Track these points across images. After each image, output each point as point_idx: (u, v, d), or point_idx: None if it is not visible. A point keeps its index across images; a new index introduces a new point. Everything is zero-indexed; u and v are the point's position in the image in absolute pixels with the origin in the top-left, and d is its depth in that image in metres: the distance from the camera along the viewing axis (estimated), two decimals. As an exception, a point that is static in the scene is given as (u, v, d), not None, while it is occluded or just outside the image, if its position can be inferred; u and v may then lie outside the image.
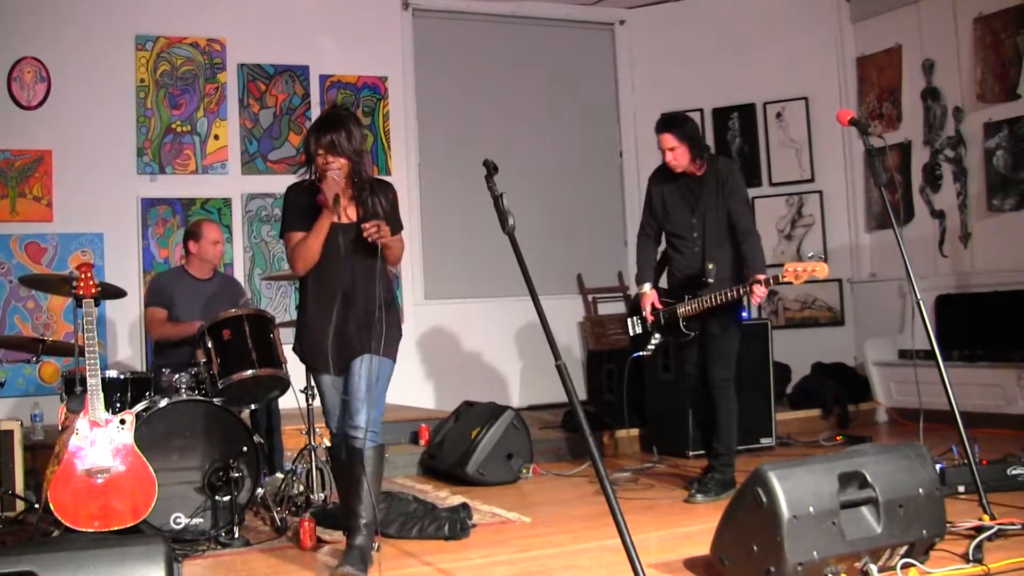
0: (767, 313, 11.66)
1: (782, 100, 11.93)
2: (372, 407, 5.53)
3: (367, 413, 5.50)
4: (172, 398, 6.51)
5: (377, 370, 5.53)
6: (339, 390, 5.69)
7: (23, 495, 7.32)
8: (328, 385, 5.75)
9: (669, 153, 7.23)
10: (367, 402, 5.51)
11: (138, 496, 6.24)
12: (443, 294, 11.32)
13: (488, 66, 11.72)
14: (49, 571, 3.63)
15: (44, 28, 9.88)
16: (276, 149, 10.67)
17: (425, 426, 9.18)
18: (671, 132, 7.22)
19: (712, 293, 7.10)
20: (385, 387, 5.69)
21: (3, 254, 9.59)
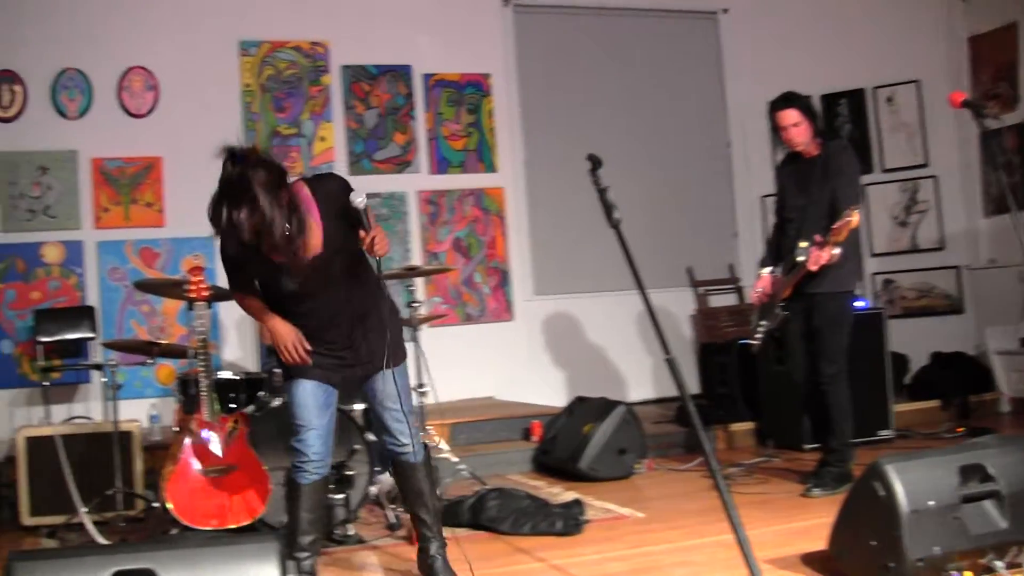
0: (882, 303, 11.53)
1: (892, 84, 11.78)
2: (411, 415, 5.40)
3: (408, 425, 5.38)
4: (285, 398, 6.57)
5: (402, 382, 5.34)
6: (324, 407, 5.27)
7: (143, 494, 7.45)
8: (309, 393, 5.24)
9: (792, 129, 7.16)
10: (406, 416, 5.35)
11: (253, 495, 6.34)
12: (553, 290, 11.31)
13: (590, 59, 11.67)
14: (166, 568, 3.69)
15: (151, 38, 10.02)
16: (382, 149, 10.74)
17: (537, 422, 9.18)
18: (794, 107, 7.17)
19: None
20: (409, 392, 5.54)
21: (118, 259, 9.76)
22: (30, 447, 7.55)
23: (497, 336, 10.87)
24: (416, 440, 5.39)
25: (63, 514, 7.28)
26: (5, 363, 9.41)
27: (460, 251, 10.83)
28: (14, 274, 9.49)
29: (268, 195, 4.59)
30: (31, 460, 7.53)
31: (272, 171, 4.69)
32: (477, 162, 11.01)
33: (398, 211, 10.65)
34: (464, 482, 7.77)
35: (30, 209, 9.59)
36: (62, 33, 9.78)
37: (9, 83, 9.62)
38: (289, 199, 4.74)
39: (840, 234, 6.68)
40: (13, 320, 9.46)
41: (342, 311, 5.16)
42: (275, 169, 4.72)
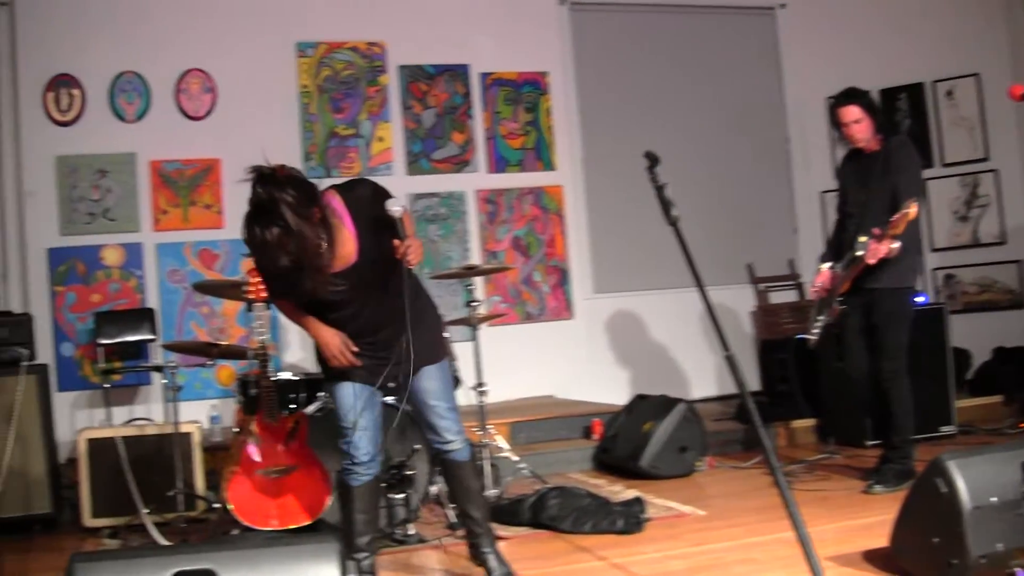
0: (943, 298, 11.41)
1: (952, 77, 11.64)
2: (455, 412, 5.36)
3: (455, 421, 5.35)
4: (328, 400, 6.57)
5: (441, 379, 5.34)
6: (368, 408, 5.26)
7: (203, 495, 7.48)
8: (351, 394, 5.26)
9: (854, 126, 7.10)
10: (449, 412, 5.33)
11: (313, 495, 6.36)
12: (612, 288, 11.25)
13: (647, 56, 11.60)
14: (226, 569, 3.69)
15: (208, 40, 10.06)
16: (440, 148, 10.72)
17: (598, 420, 9.15)
18: (856, 103, 7.11)
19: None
20: (452, 388, 5.51)
21: (177, 261, 9.79)
22: (91, 449, 7.59)
23: (557, 335, 10.83)
24: (463, 436, 5.37)
25: (125, 515, 7.33)
26: (66, 366, 9.47)
27: (519, 250, 10.81)
28: (74, 277, 9.55)
29: (298, 215, 4.57)
30: (92, 462, 7.57)
31: (300, 189, 4.66)
32: (535, 160, 10.97)
33: (457, 211, 10.63)
34: (524, 481, 7.75)
35: (90, 212, 9.64)
36: (120, 37, 9.83)
37: (67, 87, 9.68)
38: (321, 215, 4.73)
39: (898, 226, 6.62)
40: (74, 323, 9.52)
41: (381, 314, 5.13)
42: (303, 187, 4.70)
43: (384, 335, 5.17)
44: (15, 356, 7.65)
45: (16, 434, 7.44)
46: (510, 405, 10.00)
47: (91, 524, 7.48)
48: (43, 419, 7.66)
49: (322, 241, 4.69)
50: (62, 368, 9.42)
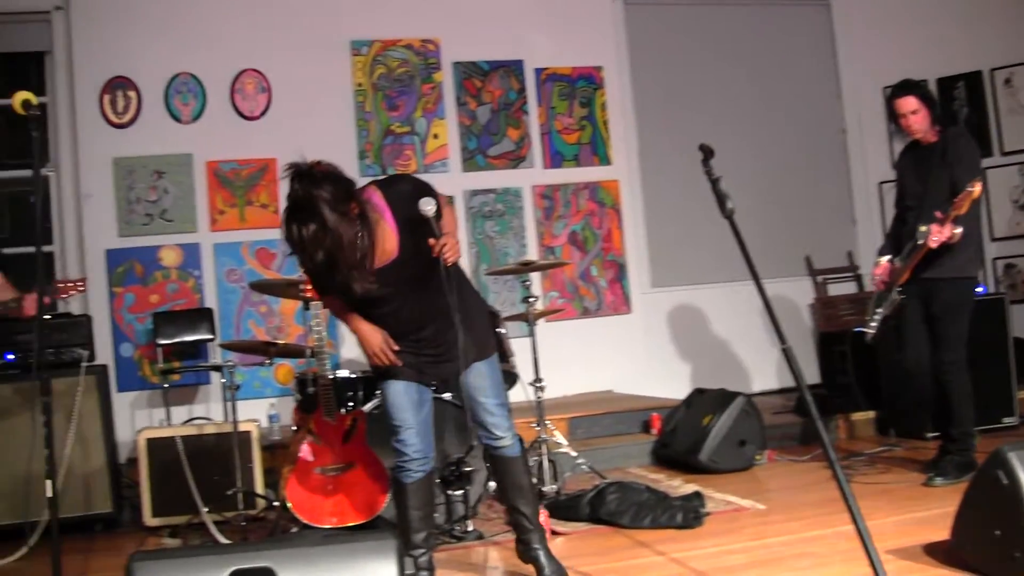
0: (1004, 288, 11.29)
1: (1010, 65, 11.49)
2: (504, 408, 5.32)
3: (504, 417, 5.31)
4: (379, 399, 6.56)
5: (490, 376, 5.29)
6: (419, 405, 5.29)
7: (263, 493, 7.50)
8: (401, 392, 5.26)
9: (911, 117, 7.03)
10: (499, 408, 5.30)
11: (372, 492, 6.36)
12: (670, 281, 11.21)
13: (701, 49, 11.55)
14: (285, 567, 3.68)
15: (263, 40, 10.10)
16: (495, 145, 10.71)
17: (656, 415, 9.10)
18: (913, 94, 7.03)
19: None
20: (501, 384, 5.44)
21: (235, 261, 9.83)
22: (151, 448, 7.62)
23: (615, 329, 10.80)
24: (512, 433, 5.35)
25: (184, 514, 7.36)
26: (126, 366, 9.52)
27: (576, 245, 10.78)
28: (133, 278, 9.61)
29: (335, 212, 4.58)
30: (152, 461, 7.61)
31: (338, 185, 4.68)
32: (591, 155, 10.95)
33: (513, 206, 10.62)
34: (583, 476, 7.73)
35: (147, 213, 9.70)
36: (175, 38, 9.89)
37: (123, 89, 9.74)
38: (360, 210, 4.74)
39: (962, 206, 6.57)
40: (133, 323, 9.57)
41: (426, 311, 5.12)
42: (340, 183, 4.72)
43: (428, 332, 5.18)
44: (75, 357, 7.70)
45: (77, 434, 7.48)
46: (568, 401, 9.99)
47: (151, 523, 7.51)
48: (103, 419, 7.70)
49: (359, 237, 4.69)
50: (121, 368, 9.48)
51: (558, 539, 6.39)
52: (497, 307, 7.49)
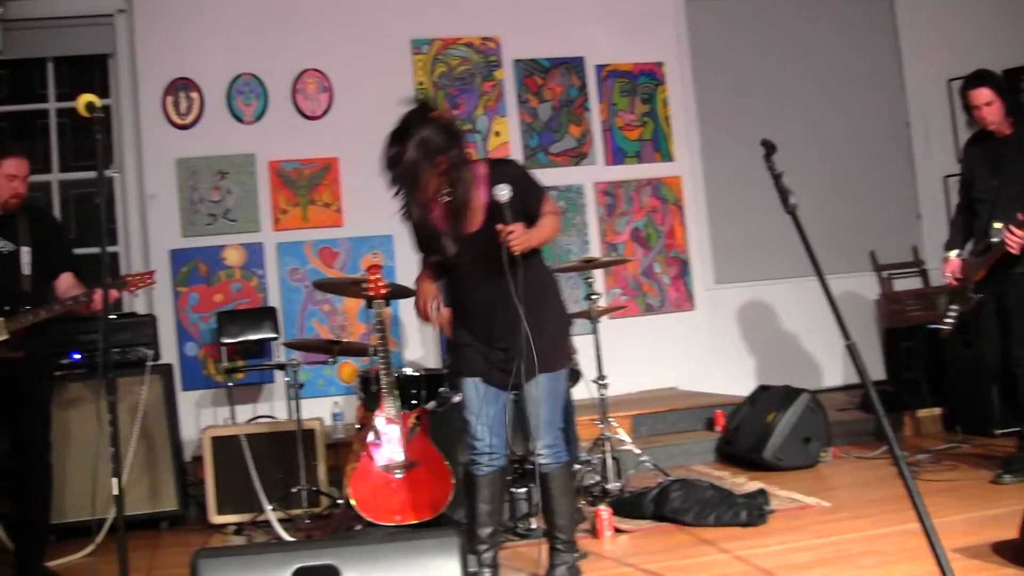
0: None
1: (1078, 56, 11.40)
2: (551, 426, 5.29)
3: (549, 434, 5.28)
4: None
5: (549, 390, 5.28)
6: (492, 403, 5.36)
7: (327, 491, 7.53)
8: (472, 387, 5.37)
9: (985, 108, 6.93)
10: (546, 424, 5.26)
11: (436, 490, 6.37)
12: (733, 278, 11.16)
13: (763, 43, 11.48)
14: (348, 564, 3.68)
15: (323, 40, 10.13)
16: (557, 142, 10.69)
17: (720, 412, 9.07)
18: (987, 86, 6.94)
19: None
20: (560, 400, 5.42)
21: (298, 260, 9.87)
22: (216, 447, 7.68)
23: (678, 326, 10.75)
24: (554, 451, 5.30)
25: (249, 512, 7.43)
26: (191, 365, 9.58)
27: (639, 241, 10.74)
28: (197, 277, 9.66)
29: (421, 151, 4.87)
30: (217, 459, 7.67)
31: (441, 135, 4.95)
32: (653, 152, 10.90)
33: (575, 203, 10.59)
34: (647, 474, 7.71)
35: (210, 213, 9.75)
36: (236, 39, 9.94)
37: (186, 91, 9.81)
38: (448, 166, 4.96)
39: None
40: (197, 323, 9.63)
41: (496, 301, 5.14)
42: (445, 135, 4.97)
43: (498, 331, 5.22)
44: (140, 356, 7.77)
45: (142, 433, 7.55)
46: (632, 398, 9.97)
47: (216, 521, 7.57)
48: (168, 418, 7.77)
49: (431, 183, 4.96)
50: (186, 367, 9.54)
51: (622, 537, 6.38)
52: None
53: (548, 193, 5.26)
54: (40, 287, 6.23)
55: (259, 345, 9.34)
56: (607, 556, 5.98)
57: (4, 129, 10.43)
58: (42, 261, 6.24)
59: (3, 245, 6.15)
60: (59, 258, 6.39)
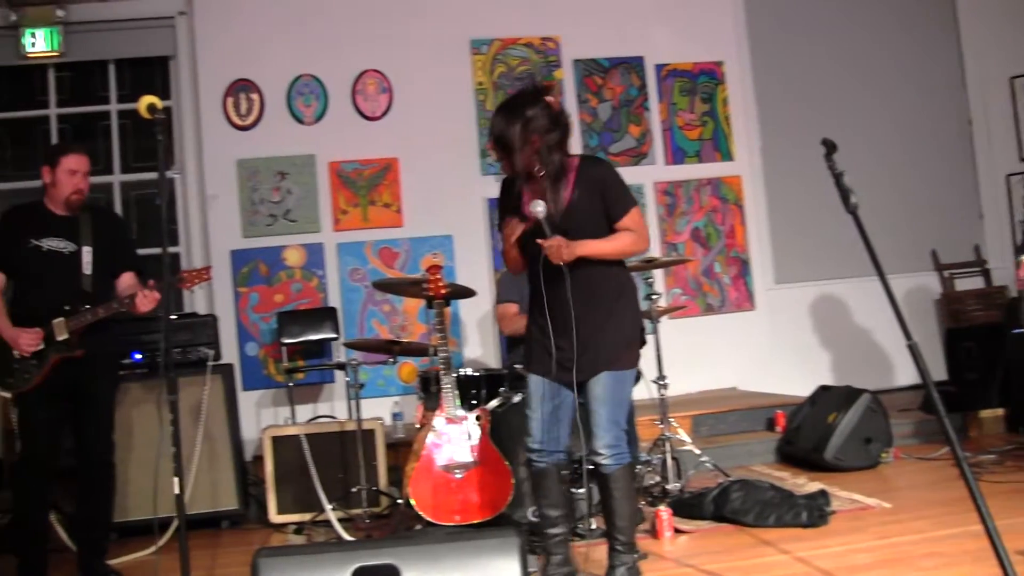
0: None
1: None
2: (613, 426, 5.27)
3: (609, 434, 5.25)
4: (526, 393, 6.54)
5: (610, 389, 5.27)
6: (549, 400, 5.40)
7: (387, 491, 7.55)
8: (533, 384, 5.45)
9: None
10: (607, 423, 5.25)
11: (495, 490, 6.37)
12: (794, 278, 11.09)
13: (824, 42, 11.40)
14: (408, 564, 3.68)
15: (383, 41, 10.17)
16: (617, 142, 10.67)
17: (781, 412, 9.03)
18: None
19: None
20: (624, 401, 5.39)
21: (358, 260, 9.90)
22: (276, 446, 7.72)
23: (739, 326, 10.70)
24: (614, 452, 5.27)
25: (309, 511, 7.46)
26: (251, 365, 9.64)
27: (699, 241, 10.71)
28: (257, 278, 9.71)
29: (521, 124, 5.12)
30: (278, 459, 7.70)
31: (543, 116, 5.17)
32: (713, 151, 10.86)
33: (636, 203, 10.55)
34: (707, 474, 7.68)
35: (271, 214, 9.80)
36: (296, 41, 9.99)
37: (246, 92, 9.86)
38: (539, 147, 5.14)
39: None
40: (258, 323, 9.68)
41: (562, 294, 5.16)
42: (548, 117, 5.19)
43: (561, 328, 5.23)
44: (201, 356, 7.81)
45: (203, 433, 7.59)
46: (692, 398, 9.94)
47: (276, 520, 7.62)
48: (229, 418, 7.81)
49: (524, 158, 5.15)
50: (247, 367, 9.60)
51: (681, 537, 6.35)
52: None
53: (636, 208, 5.30)
54: (101, 287, 6.26)
55: (319, 345, 9.38)
56: (667, 557, 5.96)
57: (67, 131, 10.51)
58: (103, 261, 6.28)
59: (64, 245, 6.20)
60: (121, 257, 6.43)
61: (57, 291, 6.12)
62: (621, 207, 5.24)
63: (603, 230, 5.21)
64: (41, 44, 9.89)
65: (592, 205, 5.20)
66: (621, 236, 5.21)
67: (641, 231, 5.24)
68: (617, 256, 5.30)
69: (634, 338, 5.39)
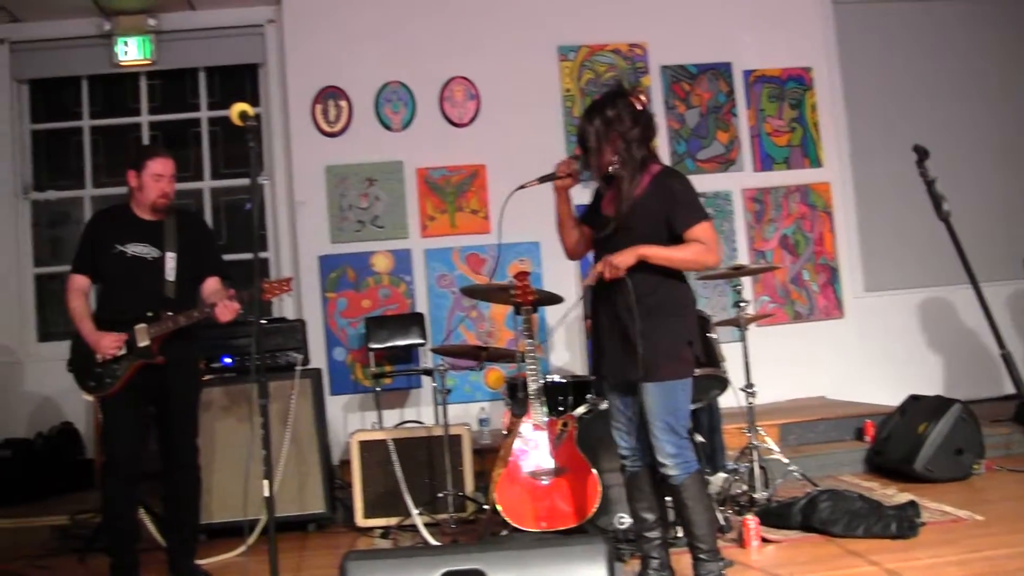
0: None
1: None
2: (671, 435, 5.21)
3: (669, 443, 5.21)
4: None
5: (659, 399, 5.21)
6: (622, 409, 5.45)
7: (473, 496, 7.56)
8: (612, 397, 5.51)
9: None
10: (663, 433, 5.21)
11: (582, 497, 6.35)
12: (884, 285, 10.99)
13: (914, 47, 11.29)
14: (495, 569, 3.68)
15: (471, 49, 10.22)
16: (705, 148, 10.63)
17: (870, 422, 8.94)
18: None
19: None
20: (678, 411, 5.28)
21: (446, 266, 9.93)
22: (363, 451, 7.75)
23: (827, 334, 10.61)
24: (678, 461, 5.24)
25: (395, 516, 7.50)
26: (339, 370, 9.70)
27: (787, 249, 10.64)
28: (345, 283, 9.78)
29: (603, 120, 5.22)
30: (364, 463, 7.74)
31: (627, 115, 5.23)
32: (802, 158, 10.78)
33: (723, 210, 10.51)
34: (795, 483, 7.61)
35: (359, 220, 9.87)
36: (384, 48, 10.07)
37: (335, 99, 9.94)
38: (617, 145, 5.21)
39: None
40: (346, 328, 9.74)
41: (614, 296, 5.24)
42: (631, 117, 5.23)
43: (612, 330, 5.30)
44: (290, 361, 7.86)
45: (291, 436, 7.63)
46: (780, 406, 9.87)
47: (363, 524, 7.66)
48: (317, 422, 7.85)
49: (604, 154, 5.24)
50: (334, 372, 9.67)
51: (769, 547, 6.31)
52: (708, 312, 7.40)
53: (709, 222, 5.23)
54: (184, 292, 6.31)
55: (406, 351, 9.41)
56: (754, 566, 5.92)
57: (158, 138, 10.63)
58: (186, 266, 6.33)
59: (148, 251, 6.25)
60: (206, 262, 6.48)
61: (140, 297, 6.19)
62: (692, 218, 5.19)
63: (659, 238, 5.18)
64: (134, 52, 10.05)
65: (656, 211, 5.19)
66: (690, 245, 5.17)
67: (711, 244, 5.18)
68: (682, 265, 5.25)
69: (680, 349, 5.28)
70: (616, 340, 5.26)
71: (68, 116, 10.65)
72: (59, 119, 10.68)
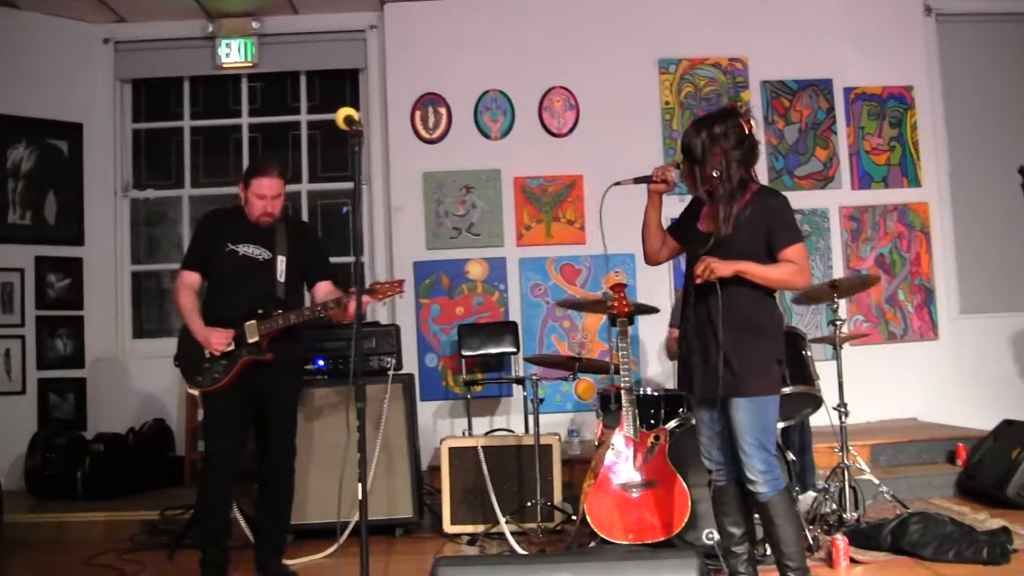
0: None
1: None
2: (761, 451, 5.19)
3: (759, 460, 5.19)
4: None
5: (749, 415, 5.20)
6: (708, 423, 5.43)
7: (561, 507, 7.56)
8: (699, 411, 5.49)
9: None
10: (753, 450, 5.19)
11: (672, 511, 6.34)
12: (981, 308, 10.84)
13: (1017, 65, 11.11)
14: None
15: (571, 59, 10.25)
16: (803, 165, 10.57)
17: (962, 445, 8.85)
18: None
19: None
20: (767, 427, 5.26)
21: (540, 276, 9.95)
22: (453, 457, 7.77)
23: (921, 355, 10.51)
24: (768, 478, 5.21)
25: (483, 523, 7.51)
26: (430, 376, 9.74)
27: (883, 268, 10.54)
28: (439, 290, 9.83)
29: (709, 136, 5.22)
30: (453, 470, 7.75)
31: (732, 134, 5.22)
32: (900, 177, 10.69)
33: (820, 228, 10.45)
34: (885, 505, 7.54)
35: (455, 227, 9.92)
36: (485, 56, 10.12)
37: (434, 106, 10.01)
38: (717, 161, 5.20)
39: None
40: (438, 334, 9.79)
41: (707, 310, 5.23)
42: (736, 136, 5.23)
43: (702, 344, 5.28)
44: (383, 365, 7.90)
45: (382, 441, 7.67)
46: (872, 427, 9.79)
47: (450, 530, 7.67)
48: (408, 427, 7.88)
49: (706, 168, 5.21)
50: (425, 378, 9.72)
51: (858, 568, 6.26)
52: (803, 330, 7.37)
53: (802, 244, 5.24)
54: (293, 294, 6.40)
55: (499, 359, 9.44)
56: (843, 587, 5.90)
57: (257, 140, 10.74)
58: (296, 271, 6.41)
59: (260, 252, 6.34)
60: (317, 267, 6.56)
61: (251, 295, 6.27)
62: (788, 238, 5.19)
63: (758, 255, 5.18)
64: (236, 55, 10.19)
65: (756, 230, 5.19)
66: (783, 265, 5.16)
67: (803, 265, 5.18)
68: (775, 284, 5.25)
69: (770, 366, 5.27)
70: (700, 355, 5.27)
71: (169, 116, 10.79)
72: (160, 119, 10.82)
